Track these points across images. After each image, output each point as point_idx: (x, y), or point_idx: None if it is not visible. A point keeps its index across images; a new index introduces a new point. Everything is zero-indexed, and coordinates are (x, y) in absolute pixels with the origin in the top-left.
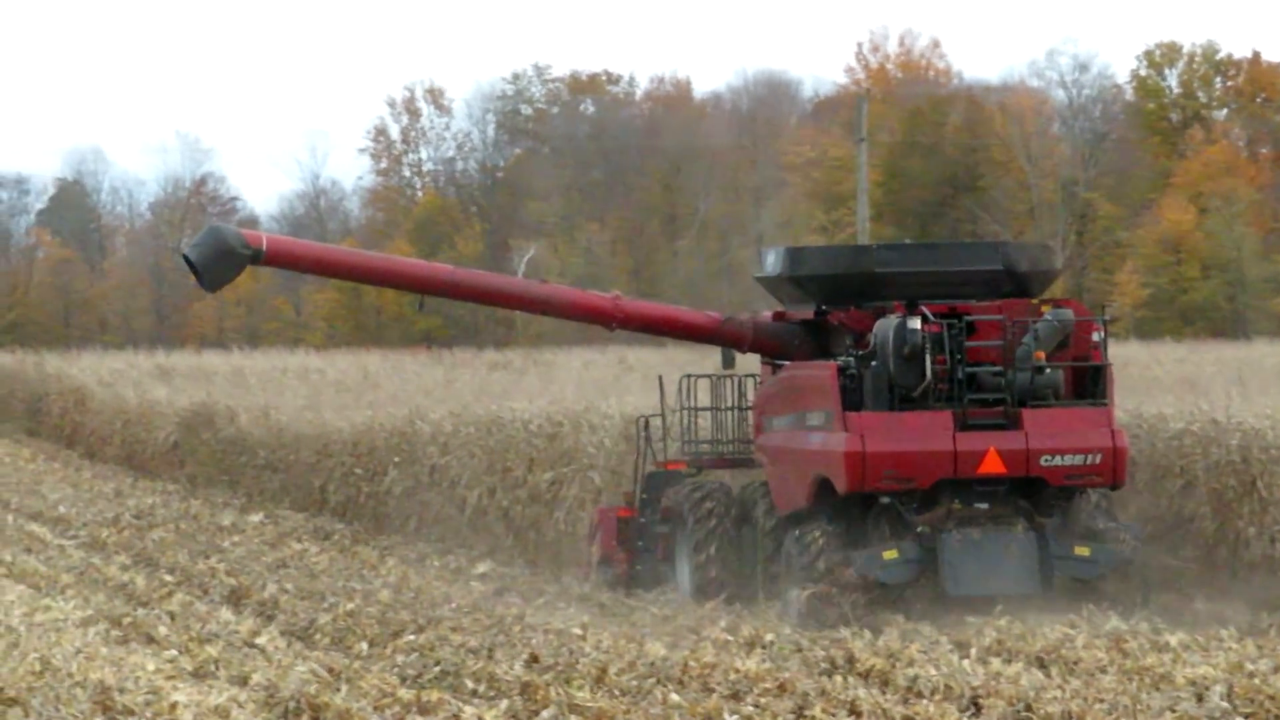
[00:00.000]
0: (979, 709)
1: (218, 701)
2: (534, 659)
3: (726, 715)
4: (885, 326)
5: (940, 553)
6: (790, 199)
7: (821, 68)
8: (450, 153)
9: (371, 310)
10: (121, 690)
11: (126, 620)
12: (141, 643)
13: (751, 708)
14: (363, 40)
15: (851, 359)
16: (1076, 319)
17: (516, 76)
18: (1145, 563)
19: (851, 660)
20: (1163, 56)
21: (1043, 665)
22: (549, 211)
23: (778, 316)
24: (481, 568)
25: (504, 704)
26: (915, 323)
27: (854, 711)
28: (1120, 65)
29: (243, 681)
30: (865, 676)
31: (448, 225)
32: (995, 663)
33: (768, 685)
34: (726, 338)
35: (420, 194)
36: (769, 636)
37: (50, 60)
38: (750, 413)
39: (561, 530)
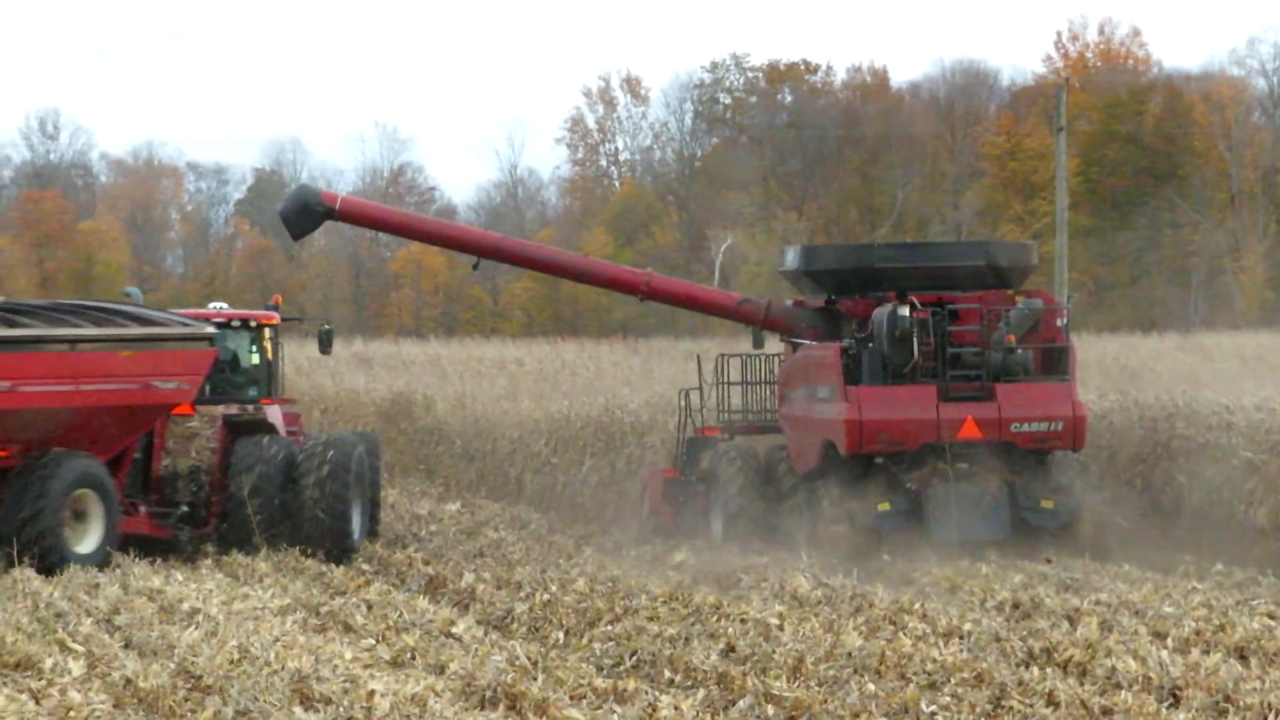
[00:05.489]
0: (1178, 700)
1: (415, 690)
2: (730, 649)
3: (924, 705)
4: (880, 313)
5: (926, 505)
6: (987, 188)
7: (1019, 57)
8: (647, 142)
9: (568, 299)
10: (319, 679)
11: (324, 609)
12: (339, 631)
13: (949, 698)
14: (560, 29)
15: (853, 341)
16: (1045, 307)
17: (715, 65)
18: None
19: (1050, 651)
20: None
21: (1242, 656)
22: (746, 201)
23: (798, 304)
24: (678, 556)
25: (700, 694)
26: (905, 310)
27: (1052, 702)
28: None
29: (440, 670)
30: (1064, 667)
31: (645, 214)
32: (1194, 653)
33: (965, 675)
34: (743, 316)
35: (617, 183)
36: (967, 626)
37: (249, 51)
38: (775, 386)
39: None
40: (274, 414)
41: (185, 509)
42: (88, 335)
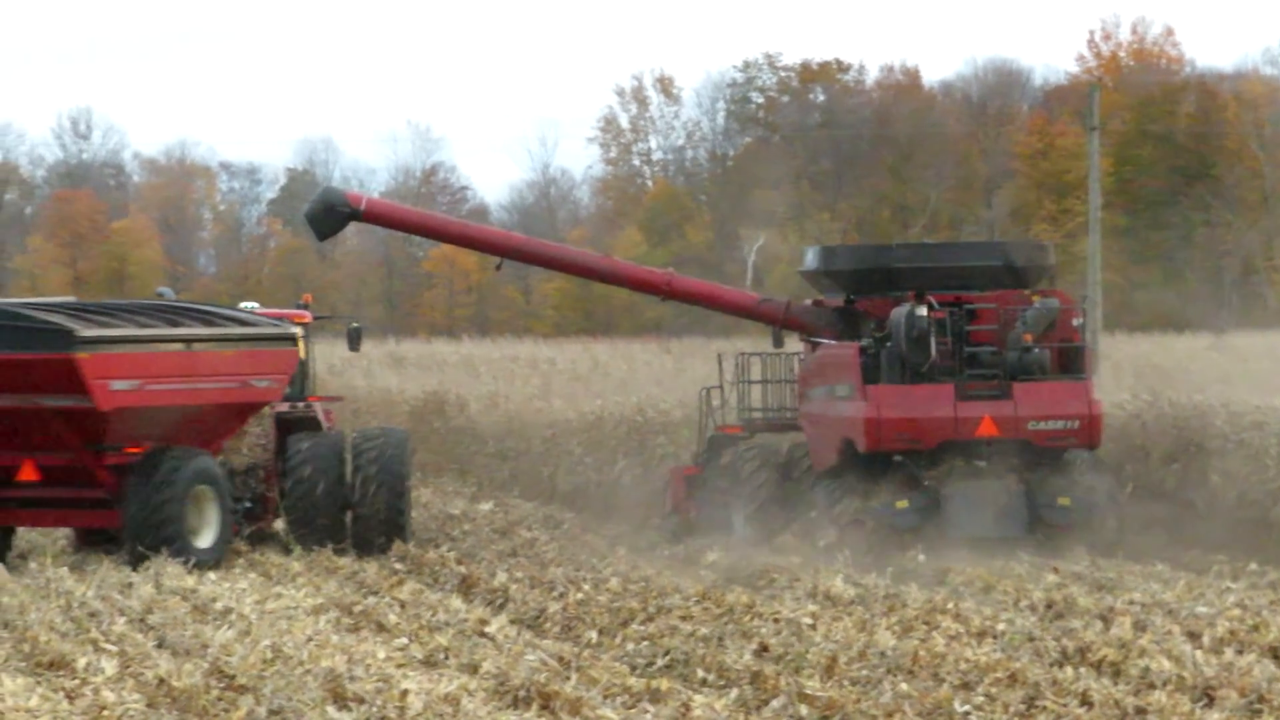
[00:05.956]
0: (1211, 701)
1: (448, 690)
2: (764, 648)
3: (957, 705)
4: (898, 313)
5: (943, 502)
6: (1020, 188)
7: (1052, 56)
8: (680, 141)
9: (601, 299)
10: (352, 678)
11: (357, 608)
12: (372, 631)
13: (982, 698)
14: (592, 29)
15: (871, 340)
16: (1061, 307)
17: (747, 65)
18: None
19: (1084, 650)
20: None
21: (1276, 656)
22: (779, 200)
23: (817, 303)
24: (711, 556)
25: (734, 693)
26: (922, 310)
27: (1086, 702)
28: None
29: (473, 670)
30: (1097, 667)
31: (677, 214)
32: (1228, 653)
33: (999, 675)
34: (762, 315)
35: (650, 183)
36: (1000, 626)
37: (282, 51)
38: (795, 385)
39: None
40: (319, 410)
41: (248, 504)
42: (201, 335)
